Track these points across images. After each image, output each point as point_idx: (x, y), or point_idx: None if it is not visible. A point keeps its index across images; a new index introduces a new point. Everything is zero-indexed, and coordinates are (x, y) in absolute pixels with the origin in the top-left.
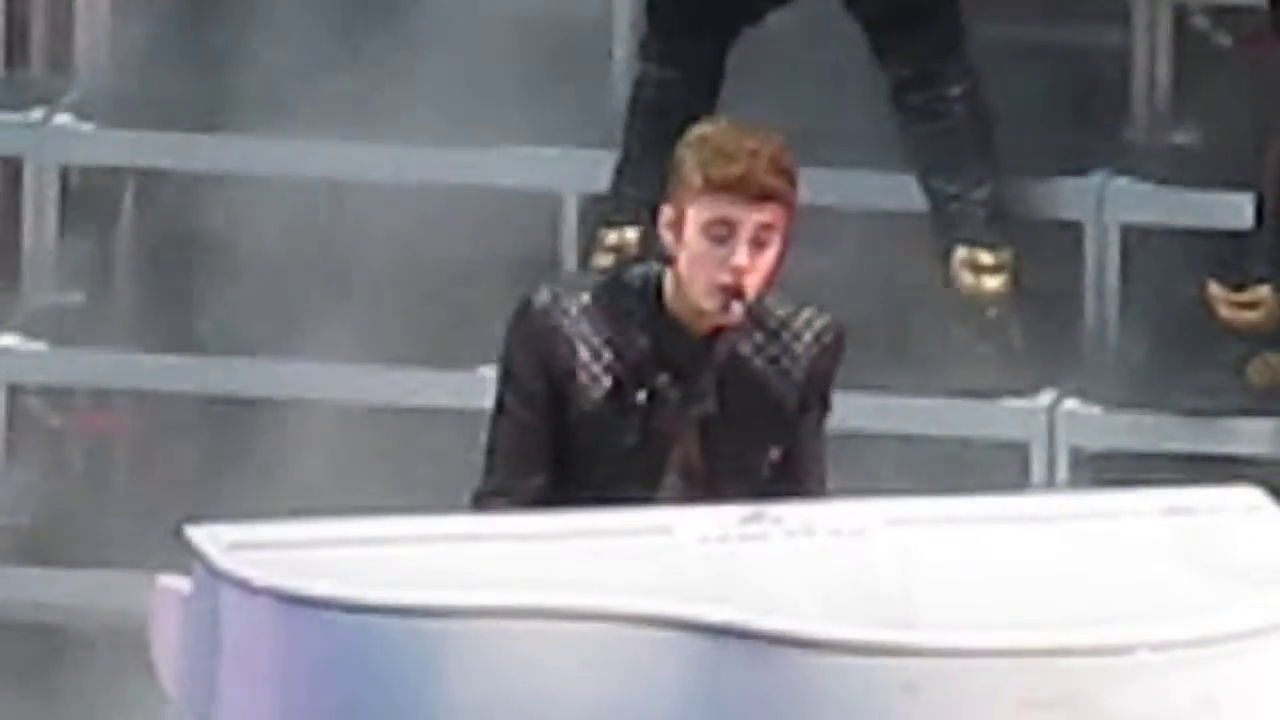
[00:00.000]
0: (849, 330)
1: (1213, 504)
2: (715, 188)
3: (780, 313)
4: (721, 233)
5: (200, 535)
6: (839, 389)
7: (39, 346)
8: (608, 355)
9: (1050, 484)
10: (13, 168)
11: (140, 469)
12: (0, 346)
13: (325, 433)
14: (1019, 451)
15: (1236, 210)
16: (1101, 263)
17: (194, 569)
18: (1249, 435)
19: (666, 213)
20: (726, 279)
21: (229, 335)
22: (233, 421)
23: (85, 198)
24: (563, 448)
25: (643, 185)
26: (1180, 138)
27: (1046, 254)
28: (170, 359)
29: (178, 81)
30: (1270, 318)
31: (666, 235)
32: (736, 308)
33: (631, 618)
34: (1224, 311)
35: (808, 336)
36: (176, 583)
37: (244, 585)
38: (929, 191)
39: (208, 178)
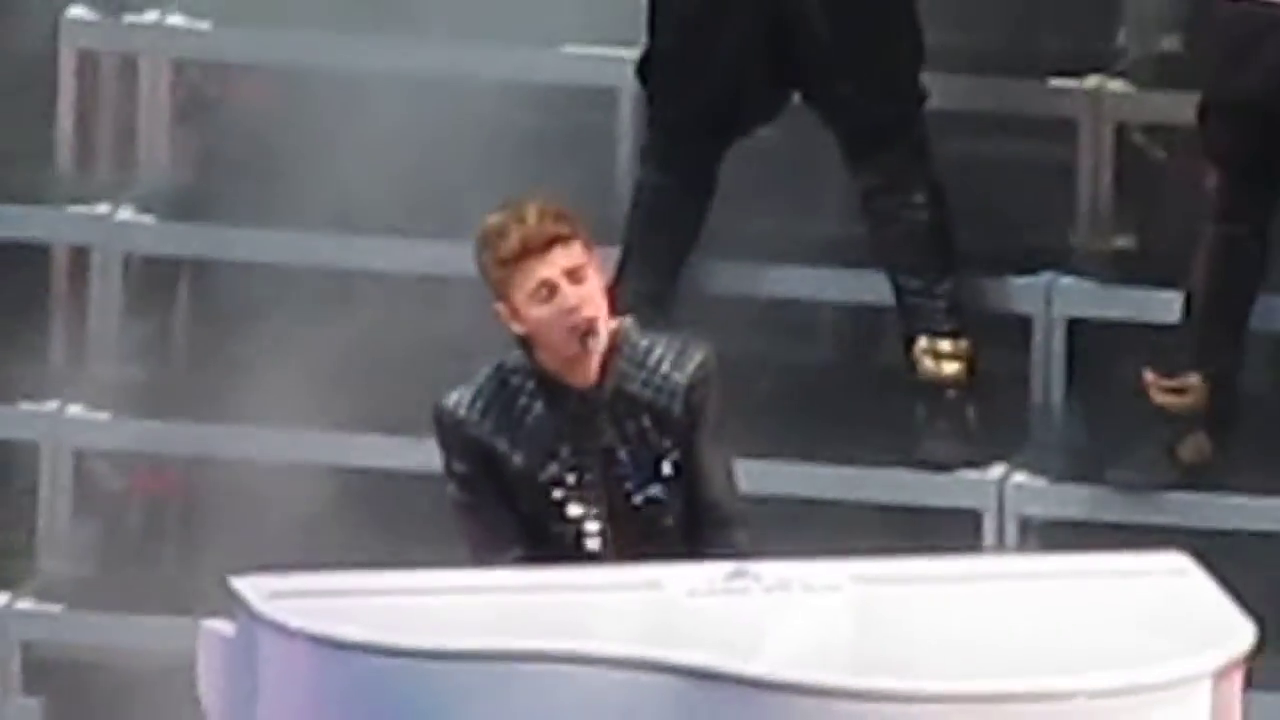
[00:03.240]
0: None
1: (1145, 568)
2: (515, 262)
3: (645, 344)
4: (544, 293)
5: (242, 584)
6: (811, 462)
7: (102, 416)
8: (512, 429)
9: (1000, 548)
10: (82, 256)
11: (190, 525)
12: (68, 416)
13: (366, 495)
14: (973, 518)
15: (1167, 306)
16: (1048, 352)
17: (237, 614)
18: (1179, 507)
19: (500, 310)
20: (573, 321)
21: (271, 406)
22: (274, 484)
23: (145, 283)
24: (518, 514)
25: (643, 280)
26: (1119, 242)
27: (999, 343)
28: (218, 428)
29: (228, 182)
30: (1198, 402)
31: (512, 326)
32: (593, 341)
33: (624, 662)
34: (1157, 396)
35: (687, 365)
36: (221, 626)
37: (281, 629)
38: (895, 287)
39: (252, 265)
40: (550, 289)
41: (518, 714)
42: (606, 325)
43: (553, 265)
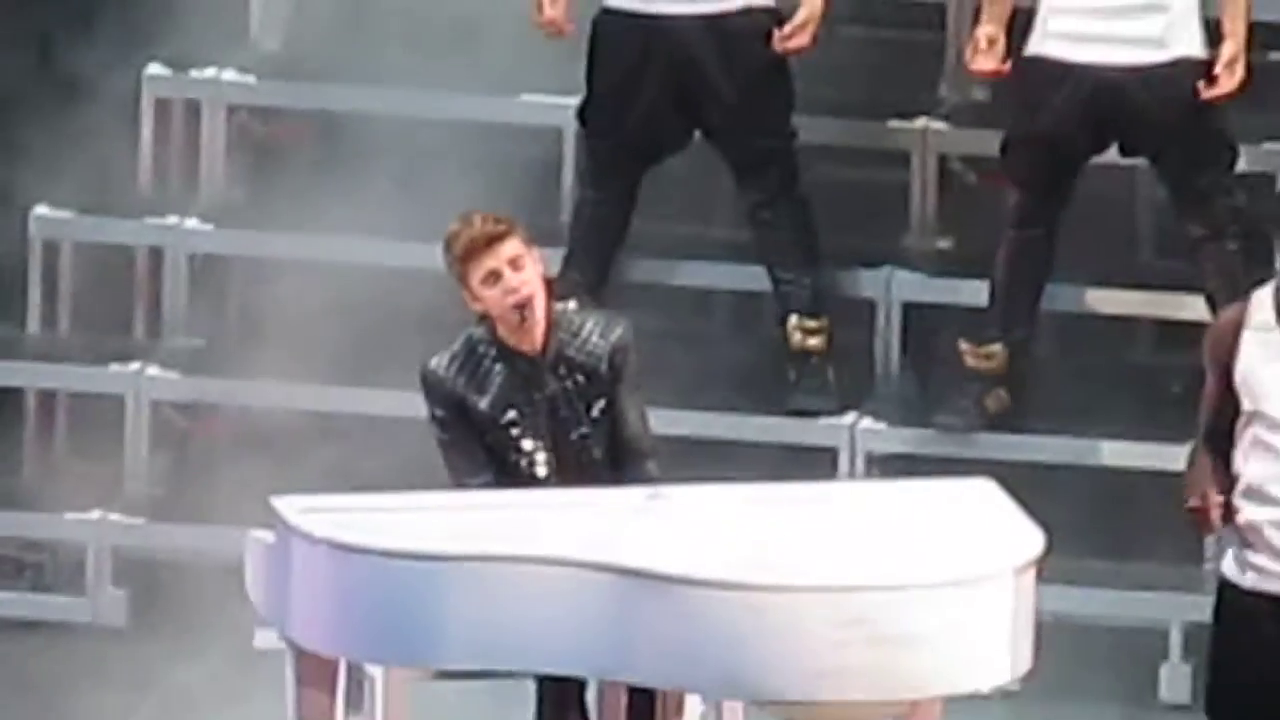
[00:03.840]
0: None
1: (960, 491)
2: (467, 258)
3: (579, 320)
4: (491, 280)
5: (280, 503)
6: (706, 411)
7: (173, 375)
8: (479, 384)
9: (852, 477)
10: (157, 255)
11: (239, 458)
12: (147, 375)
13: (373, 435)
14: (830, 455)
15: (976, 292)
16: (888, 327)
17: (275, 527)
18: (986, 445)
19: (466, 297)
20: (513, 299)
21: (302, 369)
22: (304, 428)
23: (206, 275)
24: (487, 447)
25: (583, 272)
26: (941, 244)
27: (851, 321)
28: (261, 384)
29: (269, 198)
30: (1001, 365)
31: (475, 307)
32: (531, 314)
33: (570, 562)
34: (969, 360)
35: (611, 335)
36: (263, 536)
37: (308, 538)
38: (772, 278)
39: (288, 261)
40: (495, 275)
41: (490, 602)
42: (542, 302)
43: (497, 257)
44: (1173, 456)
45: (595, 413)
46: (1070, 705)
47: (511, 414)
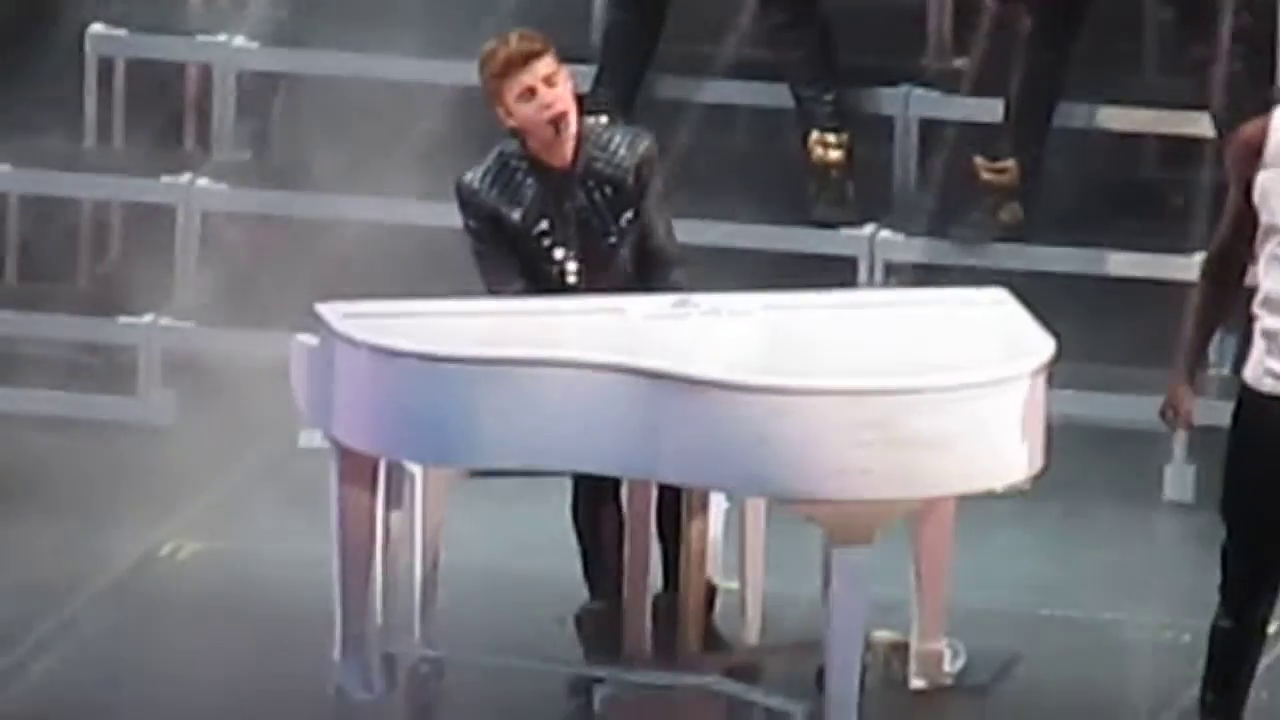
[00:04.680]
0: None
1: (975, 299)
2: (504, 74)
3: (605, 135)
4: (527, 95)
5: (323, 308)
6: (732, 221)
7: (221, 186)
8: (511, 196)
9: (870, 285)
10: (207, 71)
11: (285, 265)
12: (197, 186)
13: (411, 245)
14: (850, 264)
15: (991, 109)
16: (906, 143)
17: (319, 330)
18: (999, 255)
19: (499, 113)
20: (549, 114)
21: (342, 181)
22: (346, 237)
23: (252, 91)
24: (521, 258)
25: (613, 90)
26: (957, 64)
27: (871, 137)
28: (304, 195)
29: (313, 17)
30: (1013, 180)
31: (508, 122)
32: (564, 128)
33: (597, 366)
34: (984, 175)
35: (637, 148)
36: (307, 339)
37: (349, 341)
38: (795, 95)
39: (331, 79)
40: (531, 91)
41: (523, 404)
42: (574, 118)
43: (533, 74)
44: (1177, 266)
45: (623, 223)
46: (1078, 503)
47: (543, 225)
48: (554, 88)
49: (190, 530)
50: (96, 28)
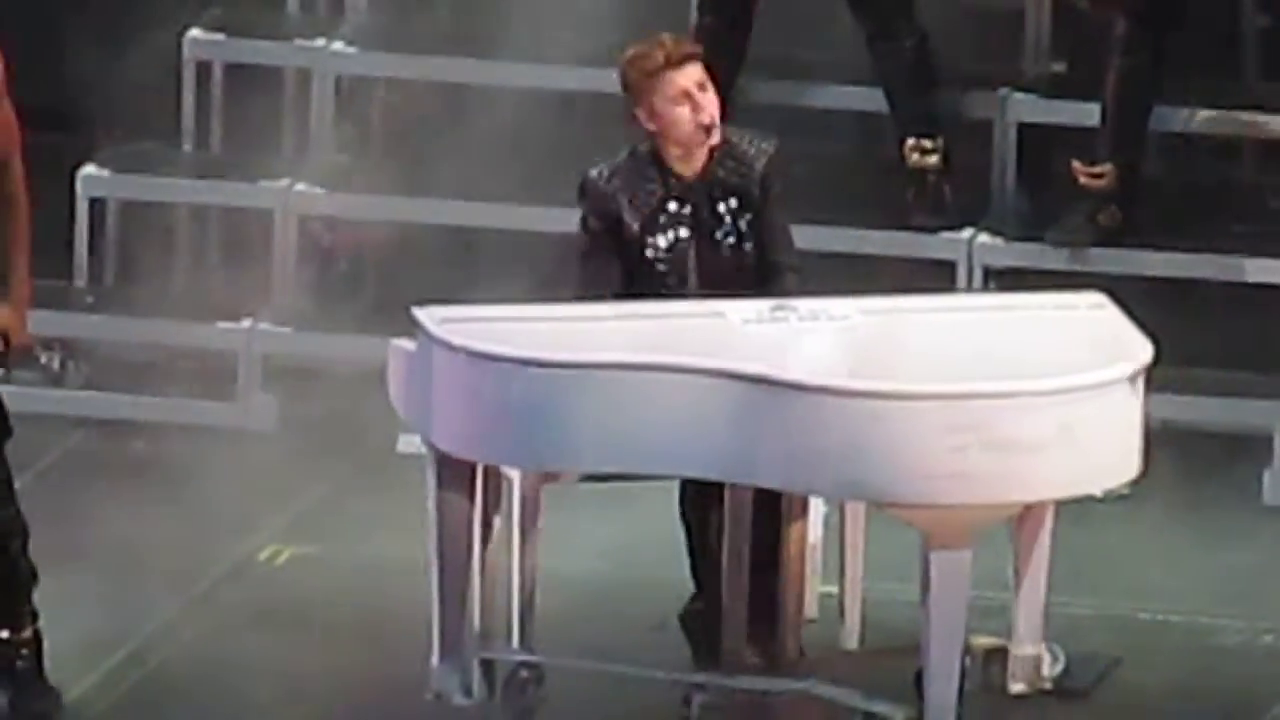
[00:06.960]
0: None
1: (1074, 303)
2: (658, 75)
3: (735, 140)
4: (682, 99)
5: (421, 313)
6: (831, 226)
7: (319, 191)
8: (637, 202)
9: (969, 290)
10: (305, 76)
11: (381, 270)
12: (295, 191)
13: (507, 251)
14: (949, 268)
15: (1089, 114)
16: (1004, 147)
17: (417, 335)
18: (1098, 259)
19: (640, 114)
20: (704, 120)
21: (441, 186)
22: (442, 242)
23: (351, 97)
24: (627, 268)
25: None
26: (1056, 67)
27: (969, 141)
28: (402, 200)
29: (410, 23)
30: (1110, 184)
31: (648, 125)
32: (714, 135)
33: (696, 370)
34: (1082, 179)
35: (763, 158)
36: (405, 344)
37: (448, 346)
38: (891, 102)
39: (431, 84)
40: (686, 95)
41: (619, 408)
42: (719, 128)
43: (688, 77)
44: (1276, 270)
45: (743, 229)
46: (1178, 508)
47: (661, 220)
48: (707, 93)
49: (288, 535)
50: (194, 32)
